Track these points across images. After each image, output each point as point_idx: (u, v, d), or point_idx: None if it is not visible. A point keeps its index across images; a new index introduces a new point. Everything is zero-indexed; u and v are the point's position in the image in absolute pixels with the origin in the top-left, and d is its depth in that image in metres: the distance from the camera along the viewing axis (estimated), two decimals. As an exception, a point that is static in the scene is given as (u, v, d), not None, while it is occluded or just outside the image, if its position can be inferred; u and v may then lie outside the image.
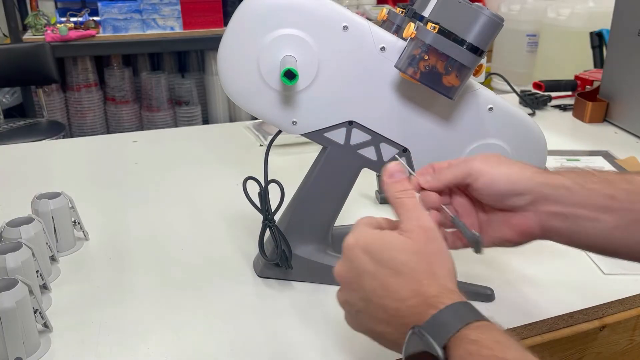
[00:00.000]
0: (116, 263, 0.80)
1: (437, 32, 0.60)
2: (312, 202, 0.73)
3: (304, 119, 0.70)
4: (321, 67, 0.67)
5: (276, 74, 0.67)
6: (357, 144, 0.71)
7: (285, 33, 0.66)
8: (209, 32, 3.02)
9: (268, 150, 0.73)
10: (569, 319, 0.69)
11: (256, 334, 0.66)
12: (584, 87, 1.52)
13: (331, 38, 0.66)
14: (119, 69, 3.16)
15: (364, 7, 3.33)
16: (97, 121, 3.17)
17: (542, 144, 0.72)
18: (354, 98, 0.69)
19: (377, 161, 0.71)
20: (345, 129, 0.70)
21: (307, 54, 0.67)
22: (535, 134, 0.71)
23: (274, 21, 0.66)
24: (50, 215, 0.79)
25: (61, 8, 3.04)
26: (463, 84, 0.62)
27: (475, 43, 0.59)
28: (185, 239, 0.87)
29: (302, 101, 0.69)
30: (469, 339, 0.42)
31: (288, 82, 0.64)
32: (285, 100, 0.69)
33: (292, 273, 0.74)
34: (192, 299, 0.73)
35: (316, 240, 0.74)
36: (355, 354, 0.63)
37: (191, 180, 1.07)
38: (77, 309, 0.70)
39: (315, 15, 0.66)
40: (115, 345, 0.64)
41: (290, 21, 0.66)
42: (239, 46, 0.68)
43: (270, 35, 0.66)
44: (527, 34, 2.95)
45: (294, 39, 0.66)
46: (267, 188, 0.72)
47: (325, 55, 0.67)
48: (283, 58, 0.66)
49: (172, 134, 1.54)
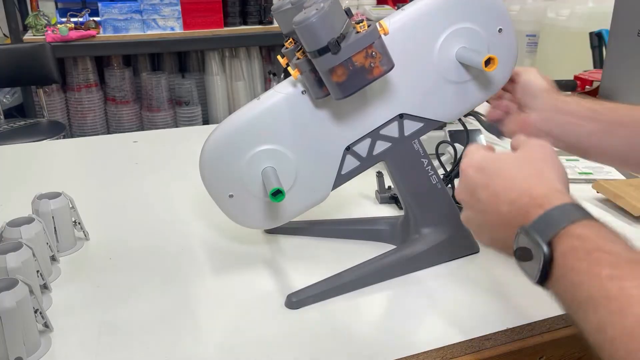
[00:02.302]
0: (116, 263, 0.80)
1: (304, 59, 0.65)
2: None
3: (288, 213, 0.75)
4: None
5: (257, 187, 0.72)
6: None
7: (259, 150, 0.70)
8: (209, 33, 3.02)
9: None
10: (569, 319, 0.69)
11: (256, 334, 0.66)
12: (584, 88, 1.51)
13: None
14: (119, 69, 3.16)
15: (364, 7, 3.33)
16: (97, 121, 3.17)
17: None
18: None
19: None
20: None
21: (283, 162, 0.71)
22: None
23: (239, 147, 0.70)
24: (51, 215, 0.79)
25: (61, 8, 3.04)
26: (351, 77, 0.64)
27: (311, 49, 0.62)
28: (186, 239, 0.87)
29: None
30: (575, 234, 0.44)
31: (276, 200, 0.67)
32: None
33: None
34: (192, 299, 0.73)
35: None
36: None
37: (191, 180, 1.07)
38: (78, 309, 0.70)
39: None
40: (115, 345, 0.64)
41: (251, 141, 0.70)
42: (218, 179, 0.72)
43: (245, 158, 0.70)
44: (526, 34, 2.95)
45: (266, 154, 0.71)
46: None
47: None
48: (264, 170, 0.71)
49: (172, 134, 1.54)
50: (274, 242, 0.86)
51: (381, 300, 0.73)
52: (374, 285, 0.74)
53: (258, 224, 0.76)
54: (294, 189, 0.73)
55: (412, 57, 0.71)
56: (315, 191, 0.73)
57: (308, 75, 0.67)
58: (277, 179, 0.68)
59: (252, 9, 3.15)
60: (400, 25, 0.70)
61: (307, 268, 0.78)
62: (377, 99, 0.72)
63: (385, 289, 0.74)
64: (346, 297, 0.72)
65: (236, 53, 3.26)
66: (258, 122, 0.70)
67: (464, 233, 0.79)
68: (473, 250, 0.81)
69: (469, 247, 0.80)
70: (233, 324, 0.68)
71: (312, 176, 0.73)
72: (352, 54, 0.62)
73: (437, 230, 0.78)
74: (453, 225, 0.78)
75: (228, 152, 0.70)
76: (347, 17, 0.64)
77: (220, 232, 0.88)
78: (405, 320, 0.68)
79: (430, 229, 0.78)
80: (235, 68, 3.25)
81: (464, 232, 0.78)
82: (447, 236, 0.78)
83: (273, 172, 0.70)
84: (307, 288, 0.72)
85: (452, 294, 0.73)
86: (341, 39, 0.61)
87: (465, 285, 0.74)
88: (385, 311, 0.71)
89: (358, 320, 0.68)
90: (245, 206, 0.73)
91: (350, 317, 0.69)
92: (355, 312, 0.70)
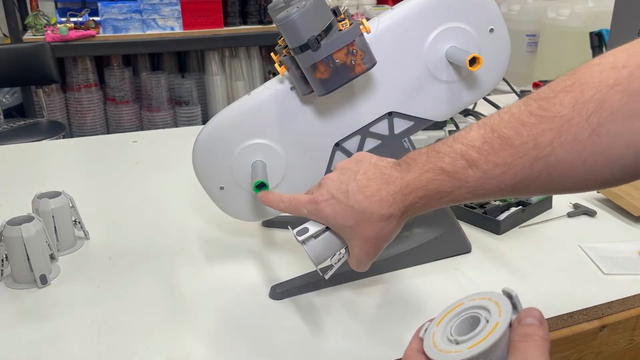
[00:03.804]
0: (116, 262, 0.80)
1: (289, 56, 0.66)
2: None
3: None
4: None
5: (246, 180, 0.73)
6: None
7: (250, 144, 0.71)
8: (209, 32, 3.02)
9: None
10: (568, 319, 0.69)
11: (256, 334, 0.66)
12: (584, 87, 1.51)
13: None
14: (119, 69, 3.16)
15: (364, 7, 3.33)
16: (97, 121, 3.17)
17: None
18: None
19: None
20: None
21: (274, 158, 0.72)
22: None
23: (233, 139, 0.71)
24: (51, 215, 0.79)
25: (61, 8, 3.03)
26: (333, 74, 0.65)
27: (293, 46, 0.64)
28: (186, 239, 0.87)
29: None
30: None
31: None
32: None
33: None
34: (192, 298, 0.73)
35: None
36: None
37: (191, 180, 1.07)
38: (77, 308, 0.70)
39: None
40: (115, 345, 0.64)
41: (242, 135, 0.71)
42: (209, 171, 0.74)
43: (237, 149, 0.71)
44: (527, 34, 2.95)
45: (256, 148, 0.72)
46: None
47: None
48: (253, 164, 0.72)
49: (172, 134, 1.54)
50: (267, 235, 0.85)
51: (367, 295, 0.72)
52: (361, 280, 0.75)
53: (248, 217, 0.76)
54: (284, 183, 0.73)
55: (402, 56, 0.71)
56: (305, 186, 0.73)
57: (294, 71, 0.68)
58: (264, 172, 0.69)
59: (252, 8, 3.15)
60: (389, 23, 0.70)
61: (298, 260, 0.78)
62: (366, 97, 0.72)
63: (373, 284, 0.74)
64: (332, 290, 0.73)
65: (236, 53, 3.26)
66: (248, 117, 0.71)
67: (455, 232, 0.79)
68: (464, 250, 0.81)
69: (460, 246, 0.81)
70: (233, 324, 0.68)
71: (302, 171, 0.73)
72: (333, 52, 0.63)
73: (428, 229, 0.78)
74: (444, 224, 0.78)
75: (219, 146, 0.71)
76: (332, 16, 0.64)
77: (219, 231, 0.88)
78: (391, 316, 0.68)
79: (421, 228, 0.78)
80: (235, 68, 3.25)
81: (455, 231, 0.79)
82: (437, 235, 0.78)
83: (261, 166, 0.71)
84: (291, 280, 0.73)
85: (449, 294, 0.73)
86: (322, 36, 0.62)
87: (461, 285, 0.74)
88: (371, 307, 0.71)
89: (346, 315, 0.68)
90: (235, 198, 0.74)
91: (337, 311, 0.69)
92: (342, 306, 0.70)
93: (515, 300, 0.38)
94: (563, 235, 0.86)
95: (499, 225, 0.86)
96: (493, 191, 0.47)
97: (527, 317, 0.37)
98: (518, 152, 0.44)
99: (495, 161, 0.45)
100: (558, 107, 0.42)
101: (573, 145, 0.42)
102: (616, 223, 0.89)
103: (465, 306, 0.40)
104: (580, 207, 0.93)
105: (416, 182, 0.50)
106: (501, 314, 0.38)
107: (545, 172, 0.44)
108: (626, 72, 0.40)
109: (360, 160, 0.56)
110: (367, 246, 0.54)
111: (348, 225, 0.54)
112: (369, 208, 0.52)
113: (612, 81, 0.40)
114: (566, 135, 0.42)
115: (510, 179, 0.45)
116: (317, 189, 0.57)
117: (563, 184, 0.45)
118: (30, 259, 0.73)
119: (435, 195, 0.50)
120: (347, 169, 0.56)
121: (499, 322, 0.37)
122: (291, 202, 0.59)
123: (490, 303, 0.39)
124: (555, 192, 0.50)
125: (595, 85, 0.41)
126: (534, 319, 0.37)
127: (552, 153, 0.43)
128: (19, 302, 0.72)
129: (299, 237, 0.56)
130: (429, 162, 0.49)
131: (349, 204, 0.53)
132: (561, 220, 0.91)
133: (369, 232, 0.53)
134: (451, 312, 0.41)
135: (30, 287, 0.74)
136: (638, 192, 0.92)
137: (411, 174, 0.51)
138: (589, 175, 0.43)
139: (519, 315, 0.38)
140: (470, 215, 0.88)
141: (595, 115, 0.41)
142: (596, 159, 0.42)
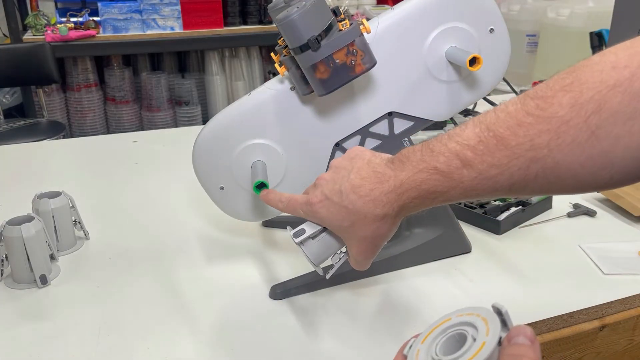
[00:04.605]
0: (116, 263, 0.80)
1: (289, 56, 0.66)
2: None
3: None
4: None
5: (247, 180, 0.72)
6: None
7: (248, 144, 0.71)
8: (209, 32, 3.02)
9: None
10: (568, 319, 0.69)
11: (256, 334, 0.66)
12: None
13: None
14: (119, 69, 3.16)
15: (364, 7, 3.33)
16: (97, 121, 3.17)
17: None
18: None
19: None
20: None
21: (273, 158, 0.72)
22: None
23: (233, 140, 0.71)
24: (51, 215, 0.79)
25: (61, 8, 3.04)
26: (333, 74, 0.65)
27: (293, 46, 0.64)
28: (186, 239, 0.87)
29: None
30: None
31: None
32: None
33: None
34: (192, 298, 0.73)
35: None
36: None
37: (191, 180, 1.07)
38: (77, 308, 0.70)
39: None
40: (115, 345, 0.64)
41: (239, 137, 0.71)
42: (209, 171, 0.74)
43: (236, 150, 0.72)
44: (527, 34, 2.95)
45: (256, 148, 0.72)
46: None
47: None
48: (253, 164, 0.72)
49: (172, 134, 1.54)
50: (267, 235, 0.85)
51: (367, 295, 0.72)
52: (361, 280, 0.75)
53: (248, 217, 0.76)
54: (284, 183, 0.73)
55: (402, 56, 0.71)
56: (305, 186, 0.73)
57: (294, 72, 0.68)
58: (264, 172, 0.69)
59: (252, 8, 3.15)
60: (389, 23, 0.70)
61: (298, 260, 0.78)
62: (366, 97, 0.72)
63: (373, 284, 0.74)
64: (332, 290, 0.73)
65: (236, 53, 3.26)
66: (248, 117, 0.71)
67: (455, 232, 0.79)
68: (464, 250, 0.81)
69: (460, 246, 0.81)
70: (233, 324, 0.68)
71: (302, 171, 0.73)
72: (333, 52, 0.63)
73: (428, 229, 0.78)
74: (444, 224, 0.78)
75: (219, 146, 0.71)
76: (332, 16, 0.64)
77: (219, 231, 0.88)
78: (391, 317, 0.68)
79: (421, 228, 0.78)
80: (235, 68, 3.25)
81: (455, 231, 0.79)
82: (437, 235, 0.78)
83: (261, 166, 0.71)
84: (292, 280, 0.73)
85: (449, 294, 0.73)
86: (322, 36, 0.62)
87: (461, 285, 0.74)
88: (372, 307, 0.71)
89: (346, 315, 0.68)
90: (235, 198, 0.74)
91: (337, 312, 0.69)
92: (342, 306, 0.70)
93: (505, 316, 0.36)
94: (563, 235, 0.86)
95: (499, 225, 0.86)
96: (489, 191, 0.47)
97: (518, 335, 0.34)
98: (514, 153, 0.43)
99: (490, 161, 0.44)
100: (556, 107, 0.41)
101: (571, 147, 0.41)
102: (616, 223, 0.89)
103: (453, 322, 0.38)
104: (580, 207, 0.93)
105: (410, 181, 0.49)
106: (489, 332, 0.35)
107: (542, 173, 0.43)
108: (627, 72, 0.39)
109: (354, 157, 0.55)
110: (363, 246, 0.54)
111: (344, 225, 0.53)
112: (363, 208, 0.51)
113: (612, 82, 0.39)
114: (564, 137, 0.41)
115: (507, 180, 0.45)
116: (312, 190, 0.57)
117: (561, 185, 0.44)
118: (30, 259, 0.73)
119: (430, 196, 0.49)
120: (340, 168, 0.55)
121: (486, 342, 0.35)
122: (289, 203, 0.59)
123: (478, 319, 0.37)
124: (553, 193, 0.49)
125: (595, 85, 0.40)
126: (525, 338, 0.34)
127: (549, 155, 0.42)
128: (19, 302, 0.72)
129: (295, 238, 0.56)
130: (423, 161, 0.49)
131: (343, 205, 0.53)
132: (561, 220, 0.91)
133: (365, 232, 0.53)
134: (437, 328, 0.39)
135: (30, 287, 0.74)
136: (638, 192, 0.92)
137: (405, 172, 0.50)
138: (587, 177, 0.42)
139: (509, 334, 0.35)
140: (470, 215, 0.88)
141: (594, 116, 0.39)
142: (595, 161, 0.41)
